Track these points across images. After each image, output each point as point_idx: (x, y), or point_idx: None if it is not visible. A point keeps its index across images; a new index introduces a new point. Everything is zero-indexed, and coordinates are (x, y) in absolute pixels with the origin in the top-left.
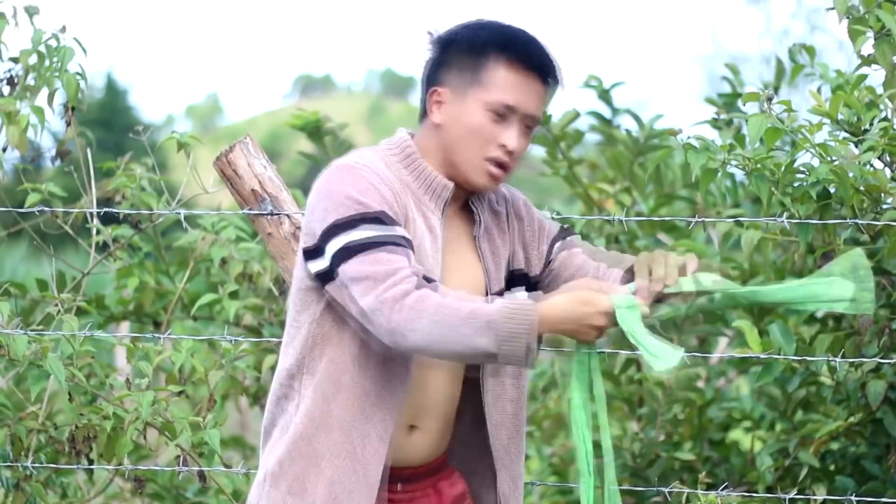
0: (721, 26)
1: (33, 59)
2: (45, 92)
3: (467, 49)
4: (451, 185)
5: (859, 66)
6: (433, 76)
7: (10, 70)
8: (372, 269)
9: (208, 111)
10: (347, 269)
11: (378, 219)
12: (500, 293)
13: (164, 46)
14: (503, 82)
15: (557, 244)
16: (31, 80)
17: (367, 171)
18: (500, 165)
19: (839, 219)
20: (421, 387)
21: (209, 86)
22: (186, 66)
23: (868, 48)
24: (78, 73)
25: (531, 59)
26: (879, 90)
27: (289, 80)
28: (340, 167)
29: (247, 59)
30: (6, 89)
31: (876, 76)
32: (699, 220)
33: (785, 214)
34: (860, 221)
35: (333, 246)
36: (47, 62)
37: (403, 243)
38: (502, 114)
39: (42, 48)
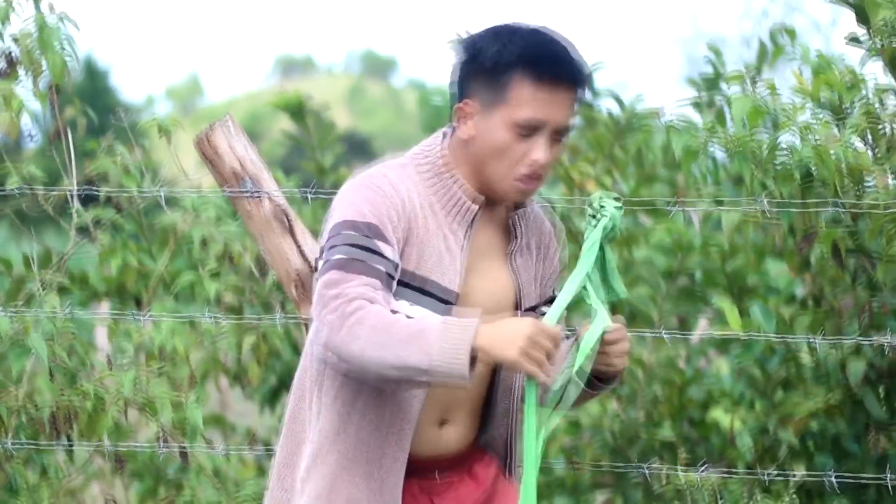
0: (700, 8)
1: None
2: (41, 76)
3: (493, 64)
4: (475, 207)
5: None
6: (460, 87)
7: (9, 49)
8: (329, 289)
9: (188, 92)
10: (320, 278)
11: (366, 233)
12: (534, 309)
13: (143, 27)
14: (529, 99)
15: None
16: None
17: (380, 185)
18: (531, 178)
19: (820, 199)
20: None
21: (189, 66)
22: (166, 46)
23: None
24: (67, 54)
25: (557, 72)
26: (861, 72)
27: (269, 61)
28: (361, 177)
29: (227, 40)
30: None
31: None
32: (680, 200)
33: (765, 195)
34: (840, 203)
35: (325, 252)
36: (31, 41)
37: (378, 266)
38: (530, 131)
39: (34, 30)
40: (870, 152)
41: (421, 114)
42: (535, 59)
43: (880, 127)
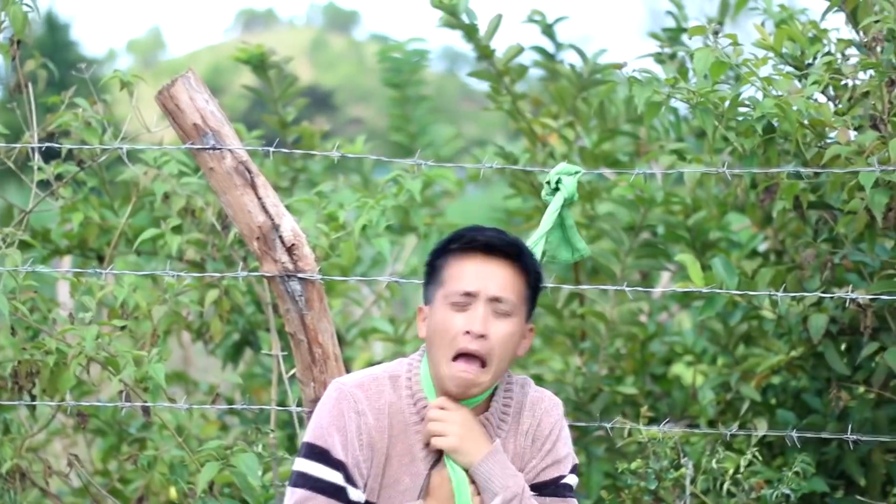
0: None
1: None
2: (1, 29)
3: (431, 261)
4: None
5: (829, 9)
6: (424, 298)
7: None
8: None
9: (150, 45)
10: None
11: (326, 458)
12: None
13: None
14: (459, 271)
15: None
16: None
17: (352, 405)
18: (468, 357)
19: (783, 153)
20: None
21: (151, 20)
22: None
23: None
24: (27, 5)
25: (483, 243)
26: (823, 25)
27: (231, 15)
28: (336, 390)
29: None
30: None
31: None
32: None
33: (727, 151)
34: (801, 160)
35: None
36: None
37: (328, 492)
38: (462, 302)
39: None
40: (831, 105)
41: (380, 68)
42: (462, 236)
43: (842, 80)
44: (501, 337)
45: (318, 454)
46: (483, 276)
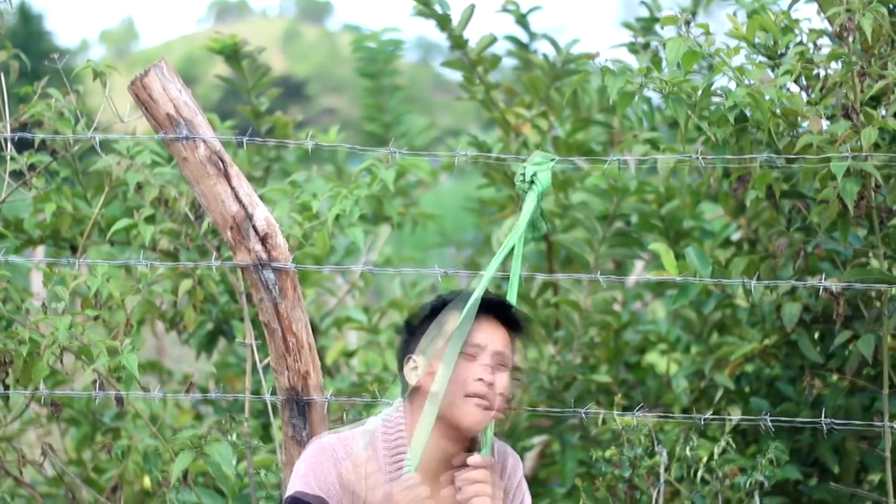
0: None
1: None
2: None
3: (431, 316)
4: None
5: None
6: (406, 350)
7: None
8: None
9: (123, 36)
10: None
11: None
12: None
13: None
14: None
15: None
16: None
17: (330, 454)
18: (482, 397)
19: (756, 142)
20: None
21: (124, 10)
22: None
23: None
24: None
25: (494, 309)
26: (795, 15)
27: (204, 5)
28: (313, 445)
29: None
30: None
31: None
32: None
33: (701, 140)
34: (774, 149)
35: None
36: None
37: None
38: (473, 353)
39: None
40: (804, 95)
41: (354, 58)
42: (475, 299)
43: (814, 70)
44: (503, 388)
45: (296, 501)
46: (489, 332)
